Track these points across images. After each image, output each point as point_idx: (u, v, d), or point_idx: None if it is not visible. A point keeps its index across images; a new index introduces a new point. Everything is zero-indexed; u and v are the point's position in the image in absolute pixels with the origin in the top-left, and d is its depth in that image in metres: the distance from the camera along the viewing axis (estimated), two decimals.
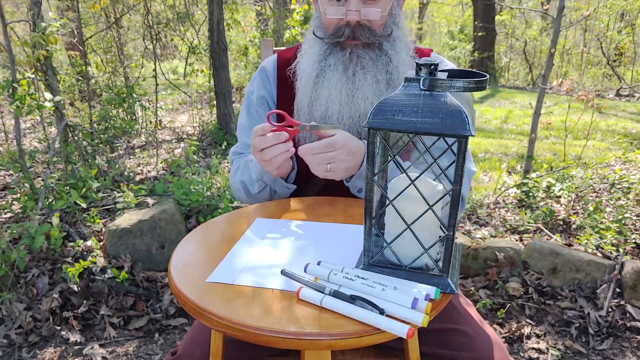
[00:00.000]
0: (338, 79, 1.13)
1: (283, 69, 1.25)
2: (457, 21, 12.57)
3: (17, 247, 2.08)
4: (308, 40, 1.20)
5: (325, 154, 1.02)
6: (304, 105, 1.17)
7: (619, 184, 3.07)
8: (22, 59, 2.68)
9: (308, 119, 1.17)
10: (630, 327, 1.96)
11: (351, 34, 1.11)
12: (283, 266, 0.82)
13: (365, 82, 1.12)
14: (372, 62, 1.13)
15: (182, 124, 5.57)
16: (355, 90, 1.13)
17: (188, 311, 0.73)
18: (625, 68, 10.11)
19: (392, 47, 1.14)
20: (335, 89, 1.13)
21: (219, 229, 0.98)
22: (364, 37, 1.11)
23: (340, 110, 1.13)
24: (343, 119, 1.14)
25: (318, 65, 1.15)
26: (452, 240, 0.71)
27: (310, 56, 1.17)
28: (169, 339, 1.98)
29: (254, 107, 1.28)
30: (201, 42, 5.13)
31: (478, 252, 2.26)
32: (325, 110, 1.14)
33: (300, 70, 1.19)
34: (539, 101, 3.13)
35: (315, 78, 1.15)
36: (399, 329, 0.64)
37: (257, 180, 1.18)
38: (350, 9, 1.08)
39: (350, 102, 1.13)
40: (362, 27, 1.10)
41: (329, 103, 1.14)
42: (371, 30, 1.11)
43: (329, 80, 1.14)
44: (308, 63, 1.17)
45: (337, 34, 1.12)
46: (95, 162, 3.30)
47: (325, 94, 1.14)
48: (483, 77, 0.67)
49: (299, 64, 1.19)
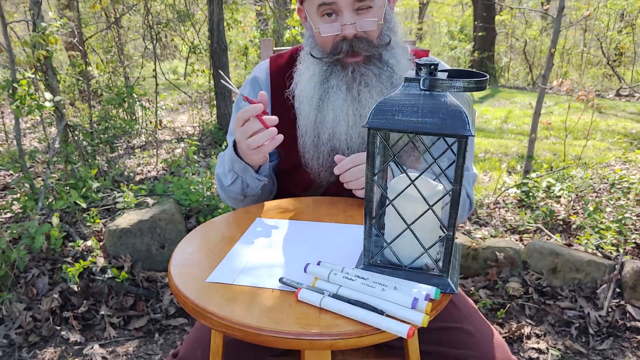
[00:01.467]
0: (343, 100, 1.10)
1: (277, 81, 1.22)
2: (457, 21, 12.57)
3: (17, 247, 2.08)
4: (305, 60, 1.15)
5: (360, 167, 1.02)
6: (308, 127, 1.15)
7: (619, 184, 3.07)
8: (22, 59, 2.68)
9: (314, 140, 1.15)
10: (630, 327, 1.96)
11: (349, 48, 1.07)
12: (283, 266, 0.82)
13: (371, 100, 1.10)
14: (375, 78, 1.10)
15: (182, 124, 5.57)
16: (362, 109, 1.10)
17: (188, 311, 0.73)
18: (625, 68, 10.11)
19: (393, 56, 1.12)
20: (342, 110, 1.10)
21: (219, 229, 0.98)
22: (363, 49, 1.07)
23: (347, 132, 1.11)
24: (352, 139, 1.12)
25: (320, 86, 1.12)
26: (452, 240, 0.71)
27: (309, 77, 1.13)
28: (169, 339, 1.98)
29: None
30: (201, 42, 5.13)
31: (478, 252, 2.26)
32: (332, 132, 1.12)
33: (300, 91, 1.15)
34: (539, 101, 3.13)
35: (318, 100, 1.12)
36: (399, 329, 0.64)
37: (229, 171, 1.14)
38: (345, 22, 1.05)
39: (358, 121, 1.11)
40: (359, 40, 1.07)
41: (335, 125, 1.11)
42: (369, 41, 1.08)
43: (333, 102, 1.11)
44: (309, 85, 1.13)
45: (335, 51, 1.08)
46: (95, 162, 3.30)
47: (331, 115, 1.11)
48: (483, 77, 0.67)
49: (298, 85, 1.16)
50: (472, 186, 1.18)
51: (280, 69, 1.23)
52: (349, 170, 1.03)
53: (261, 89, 1.24)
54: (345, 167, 1.03)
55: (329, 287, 0.72)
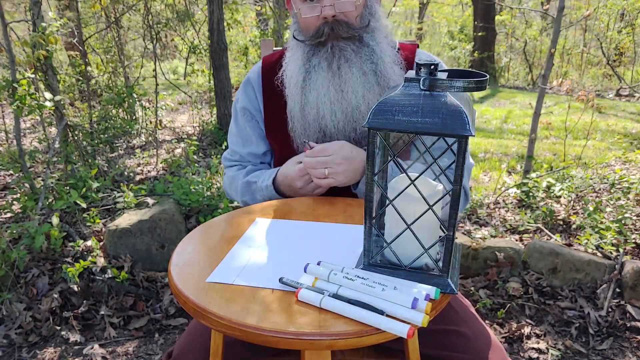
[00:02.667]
0: (324, 77, 1.13)
1: (268, 76, 1.25)
2: (457, 21, 12.57)
3: (17, 247, 2.08)
4: (291, 46, 1.19)
5: (319, 158, 1.05)
6: (296, 111, 1.17)
7: (619, 184, 3.07)
8: (22, 59, 2.68)
9: (302, 124, 1.17)
10: (630, 327, 1.96)
11: (330, 31, 1.11)
12: (283, 266, 0.82)
13: (352, 75, 1.12)
14: (354, 54, 1.13)
15: (182, 124, 5.57)
16: (344, 84, 1.12)
17: (188, 311, 0.73)
18: (625, 68, 10.11)
19: (372, 38, 1.14)
20: (323, 87, 1.13)
21: (219, 229, 0.98)
22: (343, 31, 1.11)
23: (331, 108, 1.13)
24: (336, 115, 1.13)
25: (303, 68, 1.15)
26: (452, 240, 0.71)
27: (294, 61, 1.17)
28: (169, 339, 1.98)
29: (239, 117, 1.31)
30: (201, 42, 5.13)
31: (478, 252, 2.26)
32: (317, 112, 1.14)
33: (287, 78, 1.19)
34: (539, 101, 3.13)
35: (302, 82, 1.15)
36: (399, 328, 0.64)
37: (262, 200, 1.22)
38: (325, 4, 1.08)
39: (340, 97, 1.13)
40: (339, 22, 1.10)
41: (319, 104, 1.14)
42: (349, 23, 1.11)
43: (315, 81, 1.14)
44: (294, 69, 1.17)
45: (318, 34, 1.12)
46: (95, 162, 3.30)
47: (314, 95, 1.14)
48: (483, 77, 0.67)
49: (285, 71, 1.19)
50: (468, 177, 1.18)
51: (272, 64, 1.26)
52: (312, 159, 1.06)
53: (253, 89, 1.27)
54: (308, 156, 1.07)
55: (329, 287, 0.73)
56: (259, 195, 1.23)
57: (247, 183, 1.26)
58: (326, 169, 1.05)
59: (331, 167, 1.05)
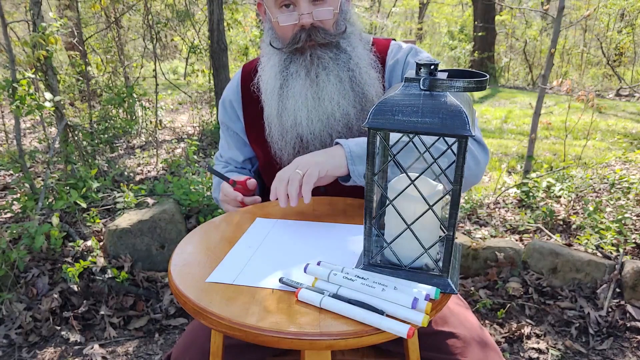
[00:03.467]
0: (302, 85, 1.13)
1: (246, 83, 1.26)
2: (457, 21, 12.57)
3: (17, 247, 2.08)
4: (266, 53, 1.19)
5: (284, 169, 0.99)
6: (273, 117, 1.18)
7: (619, 184, 3.07)
8: (22, 59, 2.68)
9: (280, 130, 1.18)
10: (630, 327, 1.96)
11: (307, 37, 1.10)
12: (283, 266, 0.82)
13: (329, 83, 1.12)
14: (332, 62, 1.13)
15: (182, 124, 5.57)
16: (320, 92, 1.13)
17: (188, 311, 0.73)
18: (625, 68, 10.12)
19: (349, 44, 1.14)
20: (301, 95, 1.13)
21: (219, 229, 0.98)
22: (320, 38, 1.11)
23: (308, 116, 1.13)
24: (312, 122, 1.14)
25: (280, 75, 1.15)
26: (452, 240, 0.71)
27: (271, 68, 1.17)
28: (169, 339, 1.98)
29: (223, 128, 1.36)
30: (201, 42, 5.13)
31: (478, 252, 2.26)
32: (294, 119, 1.14)
33: (263, 84, 1.19)
34: (539, 101, 3.13)
35: (279, 89, 1.15)
36: (399, 328, 0.64)
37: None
38: (302, 12, 1.08)
39: (317, 105, 1.13)
40: (316, 29, 1.10)
41: (296, 111, 1.14)
42: (325, 30, 1.11)
43: (293, 89, 1.14)
44: (270, 75, 1.17)
45: (294, 40, 1.12)
46: (95, 162, 3.30)
47: (291, 103, 1.14)
48: (483, 77, 0.67)
49: (261, 77, 1.20)
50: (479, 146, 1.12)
51: (249, 74, 1.27)
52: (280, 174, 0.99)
53: (231, 102, 1.30)
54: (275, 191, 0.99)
55: (329, 287, 0.72)
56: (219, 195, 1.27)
57: (218, 181, 1.32)
58: (297, 170, 0.97)
59: (298, 167, 0.98)
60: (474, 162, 1.07)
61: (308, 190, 0.95)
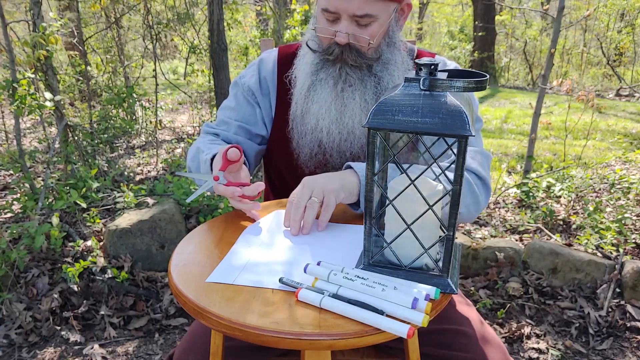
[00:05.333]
0: (328, 94, 1.13)
1: (282, 69, 1.24)
2: (457, 21, 12.57)
3: (17, 247, 2.08)
4: (303, 47, 1.18)
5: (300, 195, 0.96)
6: (297, 115, 1.18)
7: (619, 184, 3.07)
8: (22, 59, 2.68)
9: (300, 130, 1.17)
10: (630, 327, 1.96)
11: (340, 53, 1.09)
12: (283, 266, 0.82)
13: (353, 100, 1.12)
14: (359, 82, 1.12)
15: (182, 124, 5.57)
16: (344, 108, 1.12)
17: (188, 311, 0.73)
18: (625, 68, 10.12)
19: (384, 69, 1.12)
20: (326, 103, 1.13)
21: (219, 229, 0.98)
22: (350, 59, 1.09)
23: (329, 126, 1.14)
24: (332, 134, 1.14)
25: (310, 78, 1.15)
26: (452, 240, 0.71)
27: (303, 66, 1.17)
28: (169, 339, 1.98)
29: (241, 93, 1.26)
30: (201, 42, 5.13)
31: (478, 252, 2.26)
32: (315, 124, 1.15)
33: (296, 78, 1.18)
34: (539, 101, 3.13)
35: (307, 91, 1.15)
36: (399, 328, 0.64)
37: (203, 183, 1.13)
38: (340, 30, 1.06)
39: (339, 118, 1.13)
40: (350, 49, 1.09)
41: (319, 117, 1.14)
42: (359, 52, 1.10)
43: (319, 94, 1.14)
44: (302, 73, 1.17)
45: (328, 51, 1.11)
46: (95, 162, 3.30)
47: (315, 107, 1.14)
48: (483, 77, 0.67)
49: (296, 70, 1.19)
50: (488, 167, 1.11)
51: (287, 57, 1.24)
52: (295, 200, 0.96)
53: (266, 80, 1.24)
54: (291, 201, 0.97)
55: (329, 287, 0.72)
56: (202, 168, 1.12)
57: (197, 150, 1.18)
58: (311, 198, 0.95)
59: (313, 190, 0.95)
60: (473, 201, 1.05)
61: (326, 220, 0.95)
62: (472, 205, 1.04)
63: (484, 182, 1.08)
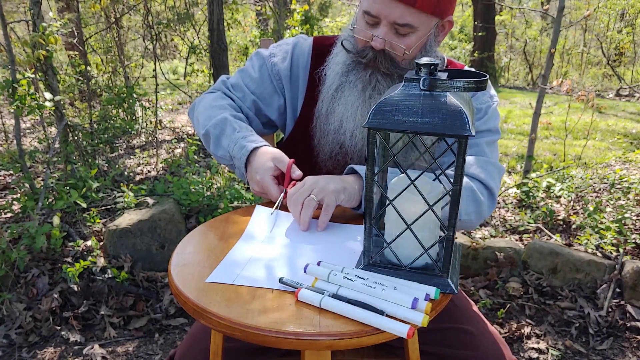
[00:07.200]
0: (355, 98, 1.11)
1: (316, 61, 1.21)
2: (457, 21, 12.56)
3: (17, 247, 2.08)
4: (338, 45, 1.17)
5: (300, 192, 0.97)
6: (322, 114, 1.17)
7: (619, 184, 3.07)
8: (22, 59, 2.68)
9: (322, 129, 1.17)
10: (630, 327, 1.96)
11: (373, 58, 1.08)
12: (283, 266, 0.82)
13: None
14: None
15: (182, 124, 5.57)
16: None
17: (188, 311, 0.73)
18: (625, 68, 10.12)
19: None
20: (352, 106, 1.12)
21: (219, 229, 0.98)
22: (383, 66, 1.08)
23: (353, 130, 1.13)
24: (355, 138, 1.13)
25: (339, 78, 1.13)
26: (452, 240, 0.71)
27: (335, 64, 1.15)
28: (169, 339, 1.98)
29: (266, 70, 1.23)
30: (201, 42, 5.13)
31: (478, 252, 2.26)
32: (339, 125, 1.14)
33: (326, 76, 1.17)
34: (539, 101, 3.13)
35: (334, 91, 1.14)
36: (399, 329, 0.64)
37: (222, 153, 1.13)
38: (378, 35, 1.05)
39: (364, 123, 1.12)
40: (385, 55, 1.07)
41: (343, 119, 1.13)
42: (393, 61, 1.08)
43: (346, 97, 1.12)
44: (333, 71, 1.15)
45: (362, 53, 1.10)
46: (95, 162, 3.30)
47: (341, 109, 1.13)
48: (483, 77, 0.67)
49: (327, 68, 1.17)
50: (499, 179, 1.12)
51: (323, 49, 1.21)
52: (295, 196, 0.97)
53: (299, 64, 1.22)
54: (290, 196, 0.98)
55: (328, 287, 0.72)
56: (225, 142, 1.11)
57: (226, 121, 1.14)
58: (311, 196, 0.95)
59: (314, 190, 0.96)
60: (475, 210, 1.04)
61: (326, 220, 0.96)
62: (473, 214, 1.04)
63: (490, 192, 1.08)
